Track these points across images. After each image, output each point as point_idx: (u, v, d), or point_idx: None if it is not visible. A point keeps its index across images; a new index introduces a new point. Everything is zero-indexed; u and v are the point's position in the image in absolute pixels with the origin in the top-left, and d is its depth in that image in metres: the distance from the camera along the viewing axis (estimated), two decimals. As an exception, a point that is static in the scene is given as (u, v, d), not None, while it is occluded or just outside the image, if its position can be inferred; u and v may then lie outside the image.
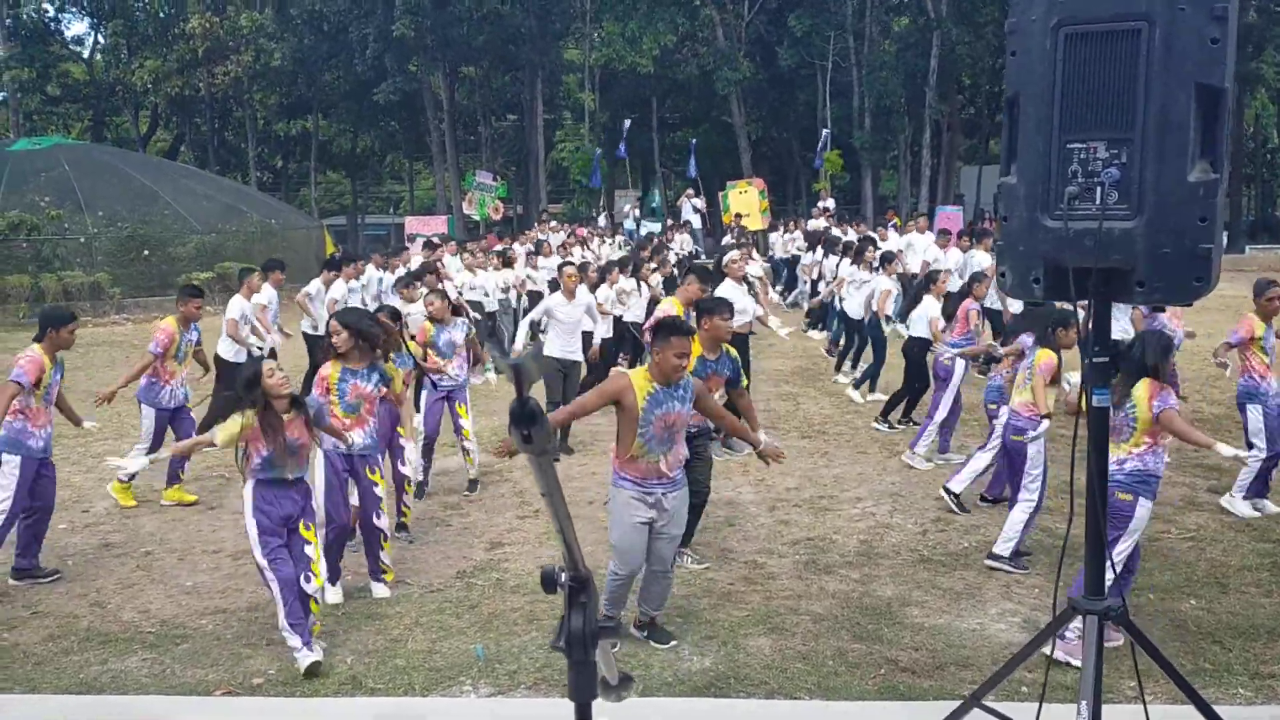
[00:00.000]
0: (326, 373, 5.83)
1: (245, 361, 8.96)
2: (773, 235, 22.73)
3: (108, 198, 23.65)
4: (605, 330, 10.63)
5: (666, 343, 4.79)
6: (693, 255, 21.17)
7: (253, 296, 9.75)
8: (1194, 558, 6.25)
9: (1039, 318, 6.60)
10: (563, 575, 1.27)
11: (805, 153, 35.88)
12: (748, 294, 9.26)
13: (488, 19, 31.92)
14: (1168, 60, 2.57)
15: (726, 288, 9.06)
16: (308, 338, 10.95)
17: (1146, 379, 5.10)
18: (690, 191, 27.47)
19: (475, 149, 39.88)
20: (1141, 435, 5.01)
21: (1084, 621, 2.87)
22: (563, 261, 10.92)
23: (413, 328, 8.06)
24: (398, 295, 10.24)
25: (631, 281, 11.74)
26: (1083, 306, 2.82)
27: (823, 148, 29.81)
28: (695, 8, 33.91)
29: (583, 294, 9.33)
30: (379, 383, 5.90)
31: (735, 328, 8.90)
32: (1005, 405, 6.79)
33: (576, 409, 5.21)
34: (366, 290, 12.17)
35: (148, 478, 8.12)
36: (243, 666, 5.02)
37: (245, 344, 9.29)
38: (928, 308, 9.17)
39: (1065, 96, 2.70)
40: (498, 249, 15.31)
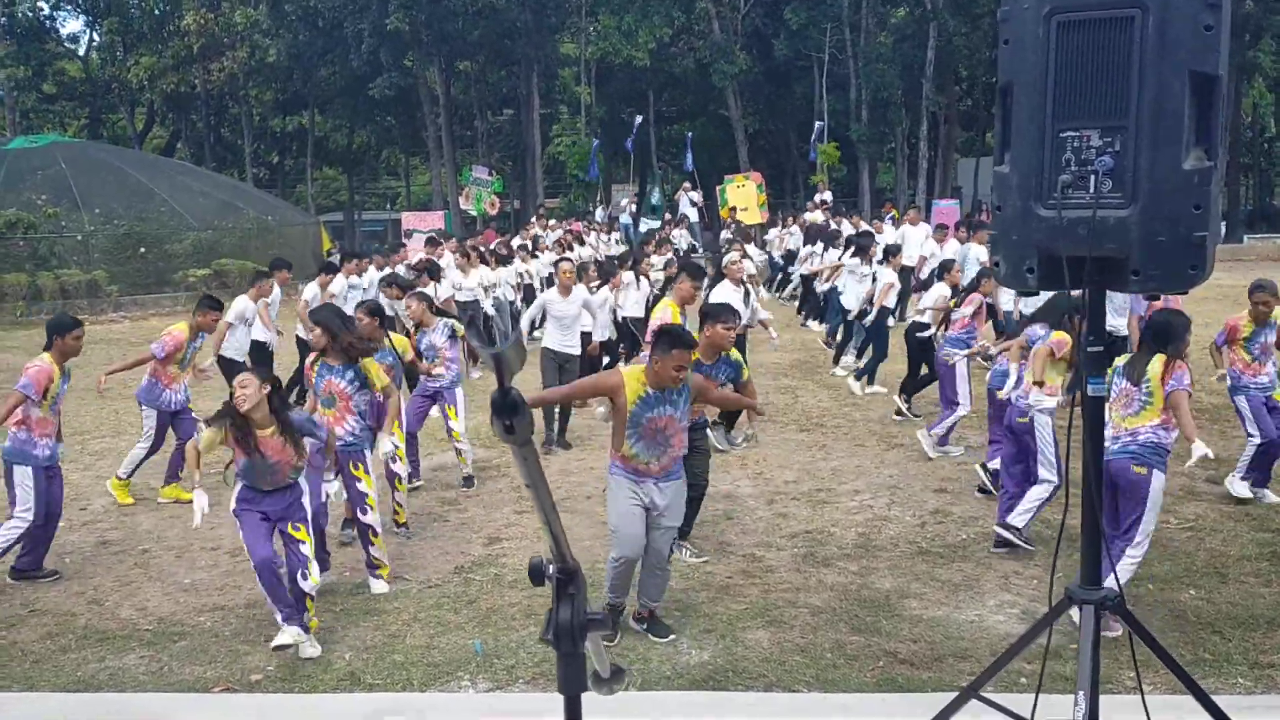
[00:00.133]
0: (309, 367, 6.06)
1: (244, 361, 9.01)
2: (771, 230, 22.71)
3: (104, 195, 23.62)
4: (606, 329, 10.56)
5: (667, 354, 4.76)
6: (690, 250, 21.14)
7: (304, 296, 10.18)
8: (1193, 548, 6.25)
9: (1057, 310, 6.57)
10: (550, 567, 1.26)
11: (802, 145, 35.85)
12: (745, 301, 9.17)
13: (483, 13, 31.84)
14: (1161, 48, 2.55)
15: (725, 289, 9.03)
16: (300, 342, 10.87)
17: (1164, 355, 5.15)
18: (687, 185, 27.41)
19: (472, 144, 39.81)
20: (1156, 410, 5.08)
21: (1080, 612, 2.87)
22: (559, 258, 10.80)
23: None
24: (382, 294, 10.25)
25: (629, 275, 11.56)
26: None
27: (817, 139, 29.77)
28: (691, 1, 33.83)
29: (579, 292, 9.24)
30: (353, 380, 5.91)
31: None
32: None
33: (571, 390, 5.76)
34: (368, 291, 12.14)
35: (144, 475, 8.11)
36: (241, 663, 5.02)
37: (223, 347, 9.23)
38: (939, 291, 9.22)
39: (1058, 85, 2.69)
40: (492, 246, 15.27)
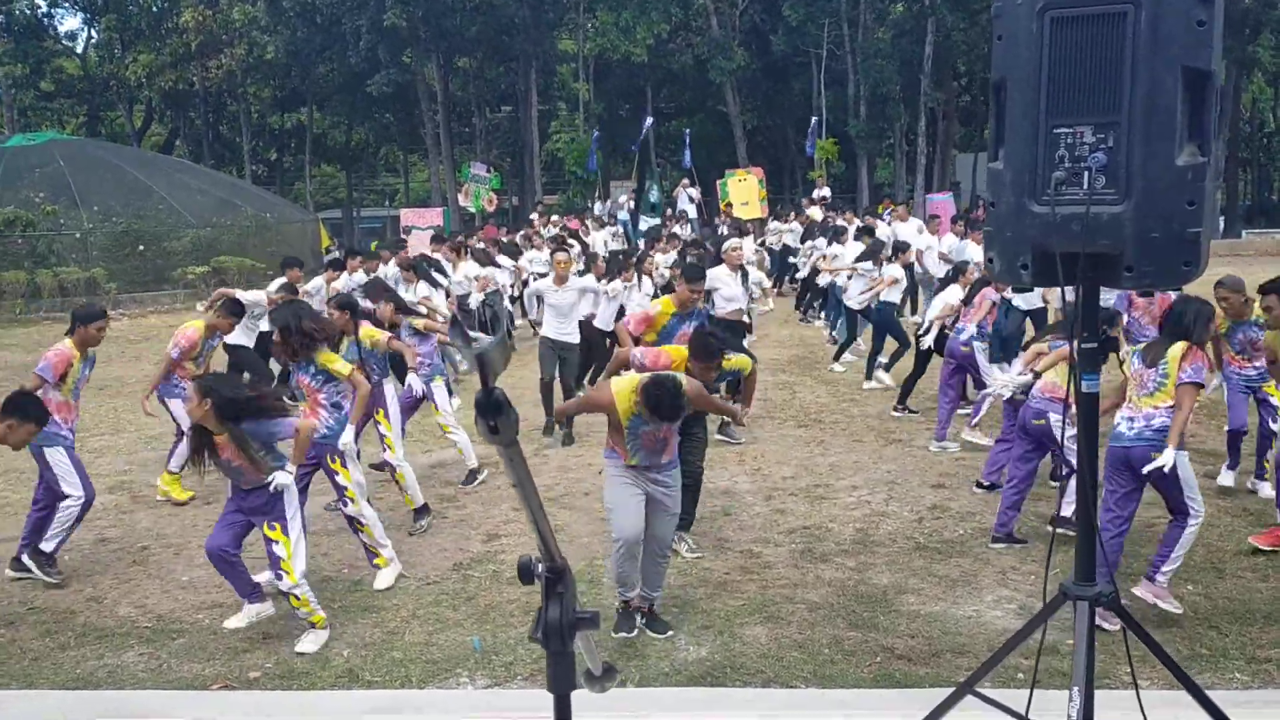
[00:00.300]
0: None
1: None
2: (773, 223, 22.63)
3: (102, 193, 23.61)
4: (609, 324, 10.39)
5: (643, 406, 4.72)
6: (692, 242, 21.06)
7: (270, 286, 10.24)
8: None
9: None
10: (539, 566, 1.27)
11: (800, 141, 35.80)
12: (742, 283, 9.21)
13: (481, 9, 31.81)
14: (1154, 43, 2.55)
15: (721, 273, 9.08)
16: None
17: (1184, 342, 5.15)
18: (686, 181, 27.40)
19: (470, 140, 39.77)
20: (1169, 392, 5.08)
21: (1075, 607, 2.87)
22: (556, 248, 10.73)
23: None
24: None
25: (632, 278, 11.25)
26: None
27: (813, 133, 29.75)
28: (688, -3, 33.87)
29: (576, 281, 9.24)
30: (317, 375, 5.94)
31: (726, 314, 8.96)
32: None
33: (580, 405, 5.56)
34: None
35: (145, 473, 8.12)
36: (239, 661, 5.03)
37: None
38: (949, 295, 9.23)
39: (1052, 81, 2.68)
40: (480, 245, 15.19)
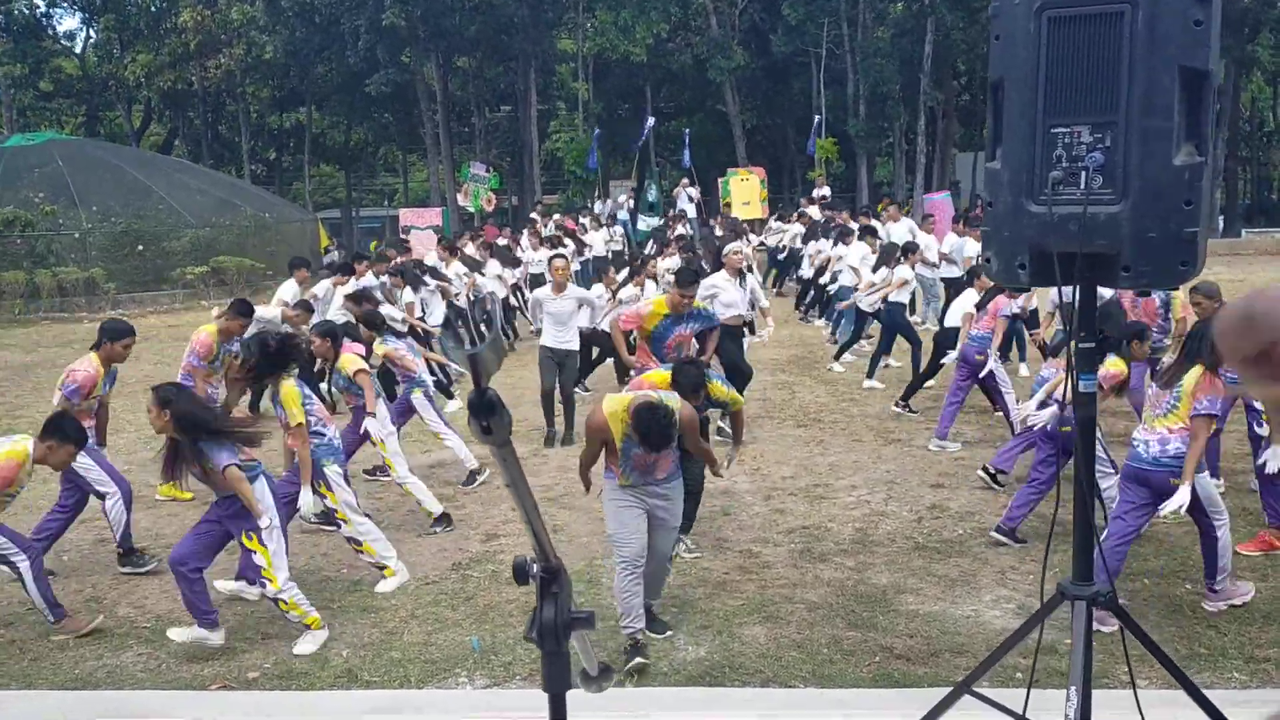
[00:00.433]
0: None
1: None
2: (775, 224, 22.61)
3: (101, 193, 23.62)
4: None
5: (633, 431, 4.66)
6: (690, 240, 21.06)
7: (281, 291, 10.47)
8: (1189, 543, 6.23)
9: (1110, 318, 6.69)
10: (534, 566, 1.27)
11: (800, 140, 35.78)
12: (741, 287, 9.16)
13: (480, 9, 31.77)
14: (1151, 43, 2.55)
15: (721, 279, 9.05)
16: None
17: (1202, 367, 4.99)
18: (685, 181, 27.39)
19: (469, 140, 39.73)
20: (1182, 415, 4.97)
21: (1072, 607, 2.88)
22: (553, 254, 10.66)
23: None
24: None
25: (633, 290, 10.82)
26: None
27: (815, 133, 29.74)
28: (688, -4, 33.83)
29: (574, 290, 9.18)
30: (275, 399, 5.83)
31: (725, 319, 8.92)
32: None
33: (584, 458, 5.11)
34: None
35: (143, 473, 8.11)
36: (238, 661, 5.03)
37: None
38: (966, 300, 9.17)
39: (1049, 80, 2.68)
40: (471, 250, 15.16)
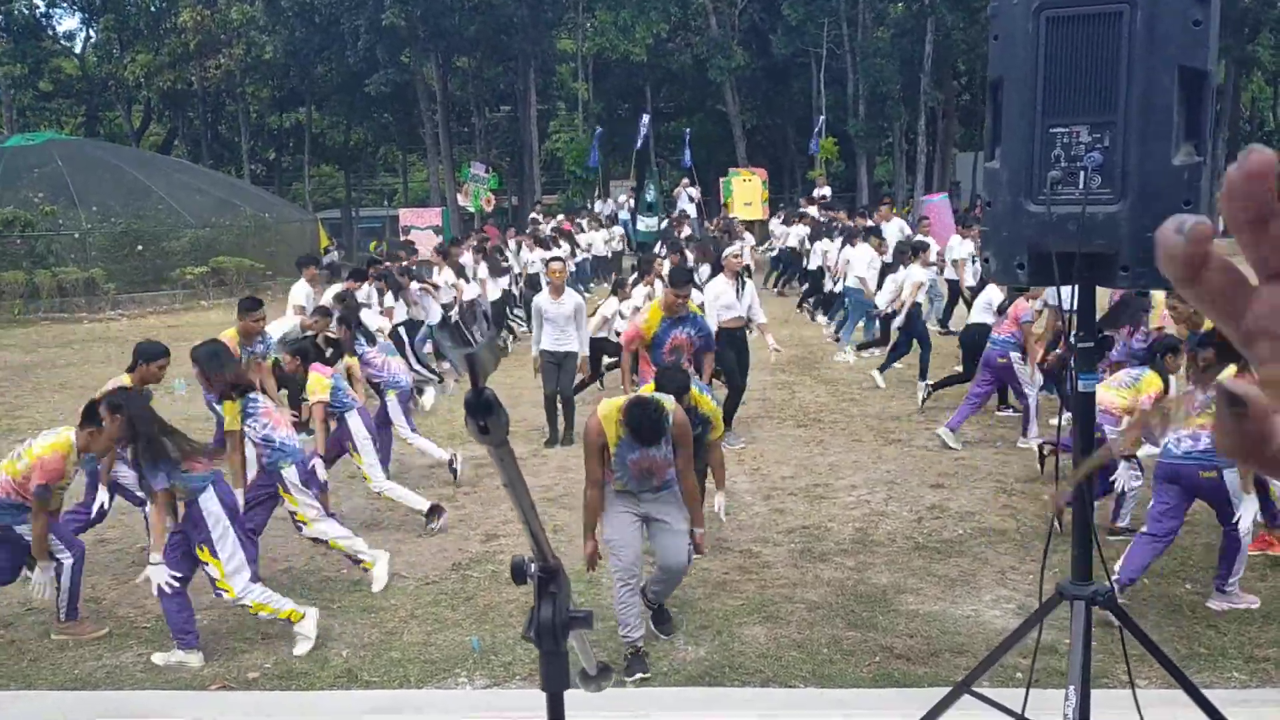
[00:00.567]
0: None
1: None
2: (779, 227, 22.60)
3: (101, 193, 23.62)
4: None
5: (624, 426, 4.62)
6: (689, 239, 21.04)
7: (293, 293, 10.46)
8: (1189, 542, 6.24)
9: (1129, 307, 6.90)
10: (532, 566, 1.27)
11: (800, 140, 35.78)
12: (741, 292, 9.11)
13: (479, 9, 31.76)
14: (1150, 43, 2.55)
15: (719, 283, 9.02)
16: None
17: (1235, 367, 4.89)
18: (686, 181, 27.40)
19: (469, 140, 39.72)
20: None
21: (1071, 607, 2.88)
22: (551, 257, 10.62)
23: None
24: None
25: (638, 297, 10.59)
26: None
27: (819, 134, 29.75)
28: (687, -4, 33.84)
29: (571, 295, 9.09)
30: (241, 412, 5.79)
31: (727, 323, 8.91)
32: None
33: (589, 485, 4.83)
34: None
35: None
36: (238, 661, 5.03)
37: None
38: (990, 295, 9.24)
39: (1048, 80, 2.69)
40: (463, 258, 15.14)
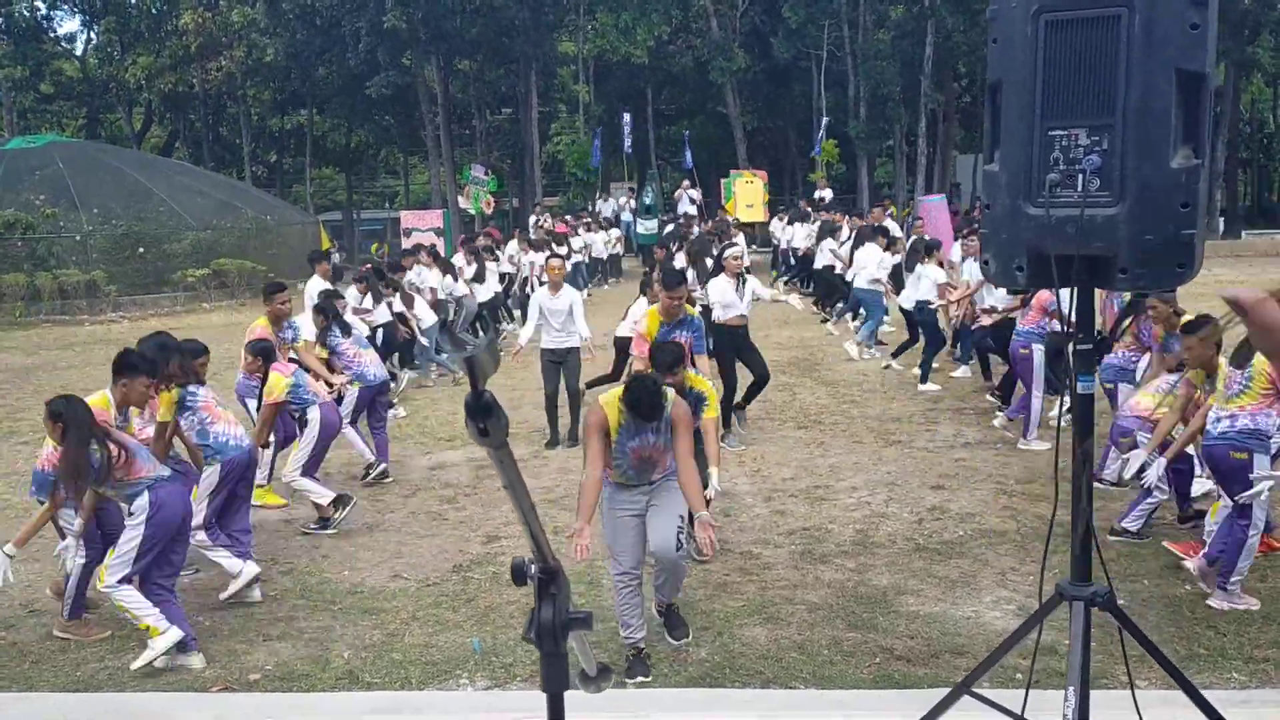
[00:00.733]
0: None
1: None
2: (783, 229, 22.58)
3: (102, 195, 23.66)
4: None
5: (623, 404, 4.65)
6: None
7: (308, 290, 10.44)
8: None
9: (1135, 305, 7.02)
10: (532, 567, 1.28)
11: (801, 143, 35.79)
12: (741, 289, 9.11)
13: (480, 11, 31.77)
14: (1148, 46, 2.57)
15: (720, 283, 9.04)
16: None
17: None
18: (686, 183, 27.43)
19: (470, 143, 39.74)
20: (1255, 394, 5.06)
21: (1070, 608, 2.88)
22: (549, 254, 10.62)
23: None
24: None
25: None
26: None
27: (821, 136, 29.76)
28: (689, -1, 33.85)
29: (569, 291, 9.14)
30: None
31: (728, 320, 8.93)
32: (1124, 384, 7.13)
33: (588, 467, 4.73)
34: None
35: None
36: (239, 662, 5.04)
37: None
38: (1001, 291, 9.39)
39: (1046, 83, 2.70)
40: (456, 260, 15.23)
